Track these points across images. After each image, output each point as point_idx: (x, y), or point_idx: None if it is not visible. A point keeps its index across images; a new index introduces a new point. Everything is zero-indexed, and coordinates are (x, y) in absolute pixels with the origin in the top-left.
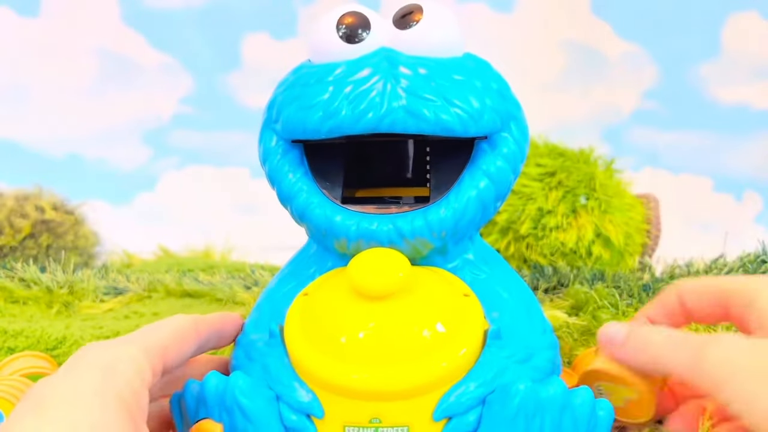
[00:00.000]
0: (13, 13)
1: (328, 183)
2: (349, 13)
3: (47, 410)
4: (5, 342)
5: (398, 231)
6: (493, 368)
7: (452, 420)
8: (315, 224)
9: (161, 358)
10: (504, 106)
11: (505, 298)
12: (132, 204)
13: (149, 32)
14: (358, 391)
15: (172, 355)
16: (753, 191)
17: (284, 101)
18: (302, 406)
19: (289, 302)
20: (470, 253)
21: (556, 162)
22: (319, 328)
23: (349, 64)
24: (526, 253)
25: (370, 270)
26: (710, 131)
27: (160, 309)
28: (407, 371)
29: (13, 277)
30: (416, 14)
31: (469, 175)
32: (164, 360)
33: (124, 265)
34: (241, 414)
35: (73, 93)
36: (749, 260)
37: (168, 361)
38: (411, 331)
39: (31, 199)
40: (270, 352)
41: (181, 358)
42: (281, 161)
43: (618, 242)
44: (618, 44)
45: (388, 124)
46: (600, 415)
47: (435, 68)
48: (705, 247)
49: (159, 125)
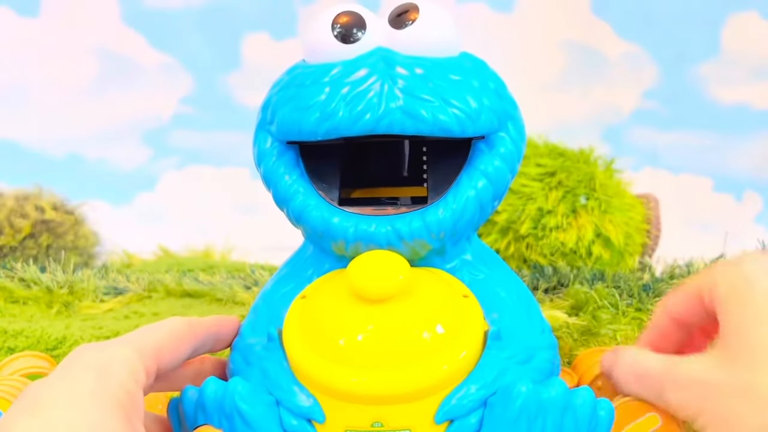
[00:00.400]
0: (13, 13)
1: (324, 184)
2: (344, 12)
3: (43, 411)
4: (5, 342)
5: (396, 233)
6: (494, 370)
7: (454, 423)
8: (312, 226)
9: (155, 360)
10: (501, 105)
11: (504, 298)
12: (132, 204)
13: (149, 32)
14: (359, 395)
15: (167, 356)
16: (753, 191)
17: (279, 102)
18: (303, 410)
19: (286, 305)
20: (468, 253)
21: (556, 162)
22: (318, 332)
23: (345, 65)
24: (526, 253)
25: (369, 273)
26: (710, 131)
27: (160, 309)
28: (407, 374)
29: (13, 277)
30: (412, 13)
31: (467, 175)
32: (158, 361)
33: (124, 265)
34: (241, 420)
35: (73, 93)
36: None
37: (162, 362)
38: (411, 334)
39: (31, 199)
40: (269, 357)
41: (175, 360)
42: (277, 163)
43: (618, 242)
44: (618, 44)
45: (386, 125)
46: (601, 415)
47: (432, 68)
48: (705, 247)
49: (159, 125)
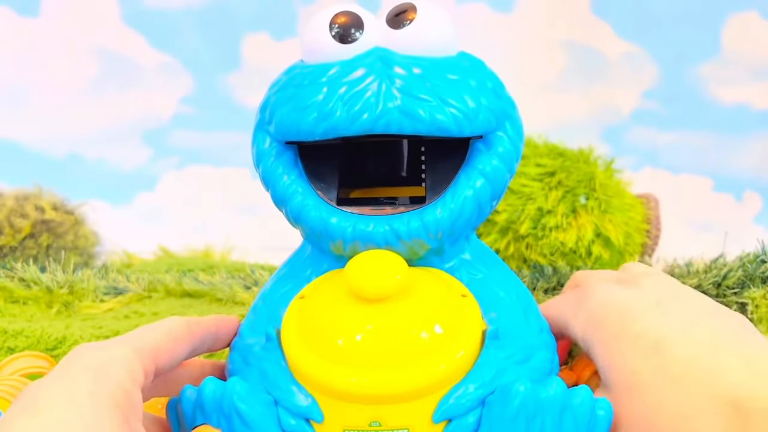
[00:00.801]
0: (13, 12)
1: (323, 184)
2: (341, 12)
3: (41, 411)
4: (5, 342)
5: (395, 232)
6: (492, 369)
7: (452, 422)
8: (311, 226)
9: (153, 359)
10: (499, 105)
11: (502, 297)
12: (132, 204)
13: (149, 32)
14: (357, 395)
15: (165, 356)
16: (753, 191)
17: (277, 102)
18: (301, 410)
19: (285, 305)
20: (467, 252)
21: (555, 162)
22: (316, 331)
23: (343, 65)
24: (525, 252)
25: (367, 272)
26: (710, 131)
27: (160, 309)
28: (405, 374)
29: (13, 277)
30: (410, 13)
31: (465, 175)
32: (156, 361)
33: (124, 265)
34: (239, 420)
35: (73, 93)
36: (749, 260)
37: (160, 362)
38: (409, 333)
39: (31, 199)
40: (267, 357)
41: (173, 360)
42: (275, 163)
43: (618, 242)
44: (618, 44)
45: (384, 125)
46: (599, 414)
47: (429, 68)
48: (705, 247)
49: (159, 125)
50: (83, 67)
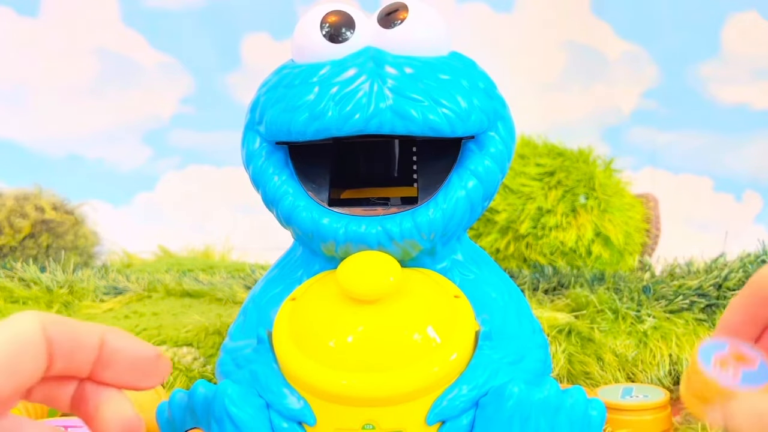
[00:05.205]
0: (13, 13)
1: (314, 185)
2: (332, 11)
3: None
4: None
5: (387, 233)
6: (486, 371)
7: (446, 423)
8: (302, 228)
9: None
10: (491, 105)
11: (494, 298)
12: (132, 204)
13: (149, 32)
14: (349, 397)
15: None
16: (753, 191)
17: (267, 103)
18: (293, 413)
19: (276, 307)
20: (458, 253)
21: (555, 162)
22: (307, 333)
23: (334, 64)
24: (525, 252)
25: (360, 274)
26: (710, 131)
27: (160, 309)
28: (398, 376)
29: (13, 277)
30: (401, 12)
31: (457, 175)
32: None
33: (124, 265)
34: (230, 423)
35: (73, 93)
36: (749, 260)
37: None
38: (401, 335)
39: (31, 199)
40: (258, 359)
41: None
42: (266, 164)
43: (617, 241)
44: (618, 44)
45: (376, 126)
46: (593, 415)
47: (421, 68)
48: (705, 247)
49: (159, 125)
50: (83, 67)
